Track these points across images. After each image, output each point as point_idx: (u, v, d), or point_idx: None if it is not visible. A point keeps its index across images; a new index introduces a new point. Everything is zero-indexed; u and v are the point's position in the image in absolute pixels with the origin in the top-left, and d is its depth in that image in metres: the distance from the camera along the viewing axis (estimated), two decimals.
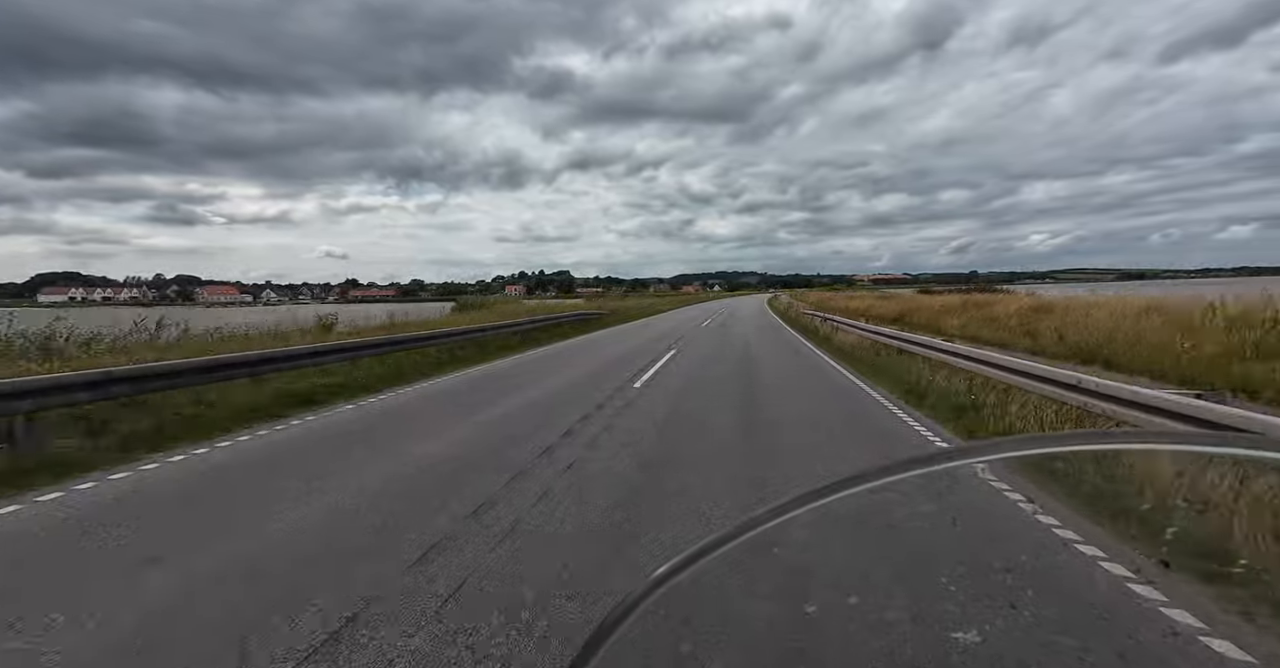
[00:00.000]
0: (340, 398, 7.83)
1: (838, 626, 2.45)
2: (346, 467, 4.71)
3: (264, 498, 4.02)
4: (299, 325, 12.55)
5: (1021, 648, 2.27)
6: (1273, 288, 10.59)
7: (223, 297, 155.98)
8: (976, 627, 2.35)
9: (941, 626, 2.39)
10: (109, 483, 4.39)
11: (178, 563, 3.03)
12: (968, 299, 22.51)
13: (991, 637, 2.30)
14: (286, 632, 2.39)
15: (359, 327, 13.91)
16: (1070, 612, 2.56)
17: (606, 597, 2.66)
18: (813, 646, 2.31)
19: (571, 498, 3.95)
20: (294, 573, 2.92)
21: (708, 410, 6.97)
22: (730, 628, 2.40)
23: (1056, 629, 2.40)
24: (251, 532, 3.44)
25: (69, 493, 4.16)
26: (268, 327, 11.88)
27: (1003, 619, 2.44)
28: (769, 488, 4.24)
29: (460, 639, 2.33)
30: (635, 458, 4.92)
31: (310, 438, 5.84)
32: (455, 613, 2.53)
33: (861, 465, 0.48)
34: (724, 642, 2.31)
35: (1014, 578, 2.86)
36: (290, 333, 11.48)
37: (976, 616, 2.45)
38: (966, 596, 2.64)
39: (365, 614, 2.53)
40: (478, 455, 5.02)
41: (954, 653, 2.21)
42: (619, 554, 3.13)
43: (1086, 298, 15.37)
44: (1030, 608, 2.55)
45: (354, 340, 10.22)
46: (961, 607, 2.54)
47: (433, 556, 3.08)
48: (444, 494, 4.02)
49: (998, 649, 2.25)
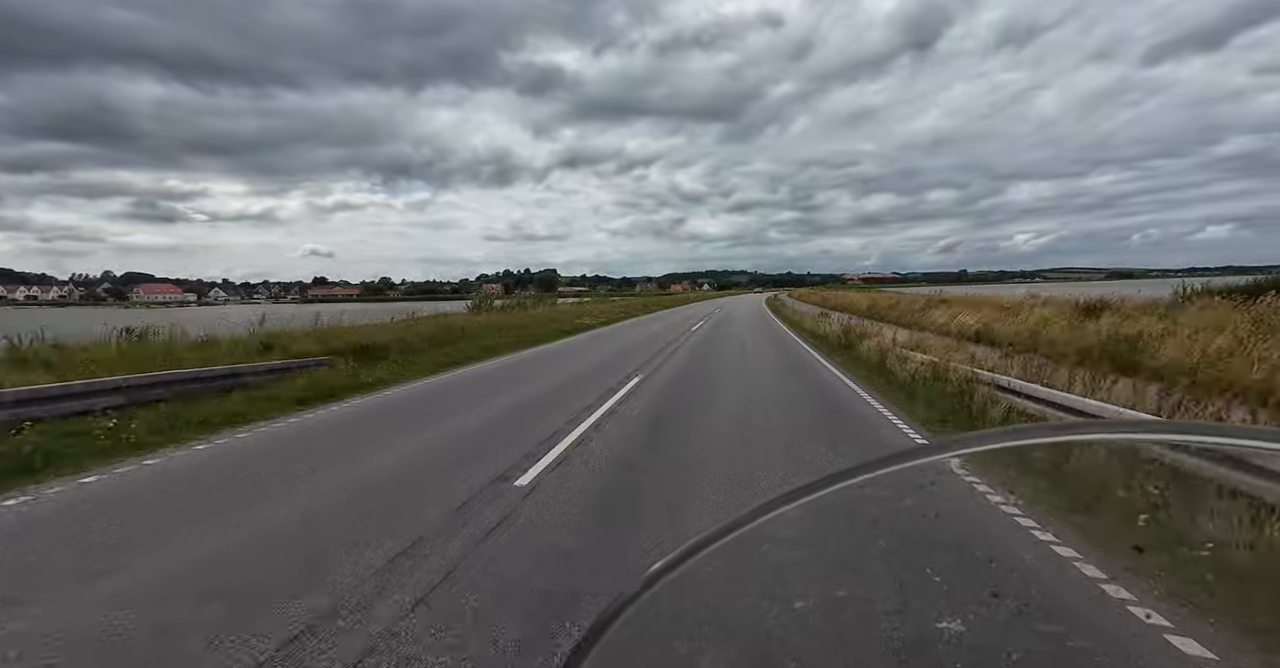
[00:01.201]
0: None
1: (827, 619, 2.48)
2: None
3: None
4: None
5: (1005, 636, 2.33)
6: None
7: (161, 296, 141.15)
8: (961, 616, 2.39)
9: (927, 616, 2.43)
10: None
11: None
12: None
13: (975, 626, 2.35)
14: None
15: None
16: (1051, 599, 2.63)
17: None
18: (802, 639, 2.33)
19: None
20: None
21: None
22: (722, 624, 2.42)
23: (1038, 617, 2.46)
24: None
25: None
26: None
27: (986, 608, 2.50)
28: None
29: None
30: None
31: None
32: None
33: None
34: (716, 638, 2.33)
35: (996, 567, 2.92)
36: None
37: (960, 605, 2.50)
38: (951, 586, 2.69)
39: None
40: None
41: (940, 642, 2.25)
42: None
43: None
44: (1012, 597, 2.61)
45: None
46: (946, 597, 2.59)
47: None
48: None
49: (982, 638, 2.30)
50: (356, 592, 2.78)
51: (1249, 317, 10.10)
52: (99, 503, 4.14)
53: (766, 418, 6.57)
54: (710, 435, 5.79)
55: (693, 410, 7.05)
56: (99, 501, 4.20)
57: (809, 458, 5.00)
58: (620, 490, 4.26)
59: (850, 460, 3.11)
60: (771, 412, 6.92)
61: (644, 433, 5.94)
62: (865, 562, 2.96)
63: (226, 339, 11.26)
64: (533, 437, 5.71)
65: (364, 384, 9.50)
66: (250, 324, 12.67)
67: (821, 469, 3.74)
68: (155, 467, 5.07)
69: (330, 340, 12.17)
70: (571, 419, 6.50)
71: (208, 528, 3.58)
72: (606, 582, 2.84)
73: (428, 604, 2.67)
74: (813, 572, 2.90)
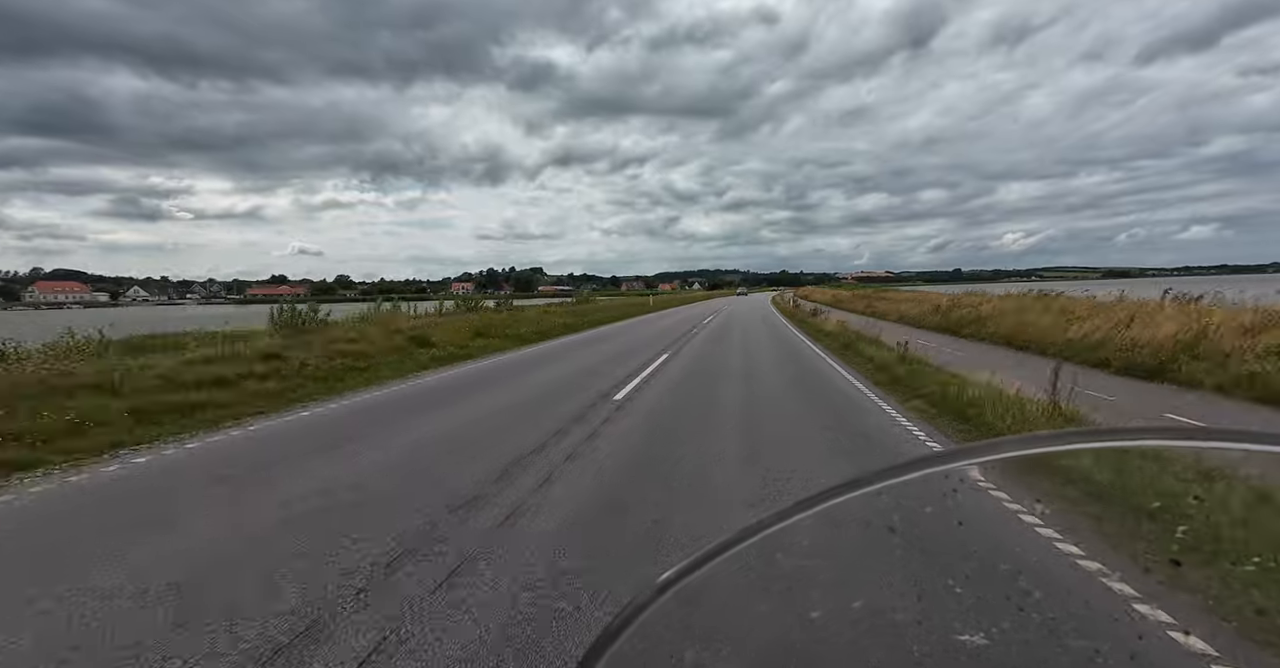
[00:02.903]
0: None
1: (843, 630, 2.42)
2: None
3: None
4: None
5: (1030, 652, 2.25)
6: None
7: (60, 295, 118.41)
8: (983, 630, 2.33)
9: (948, 629, 2.37)
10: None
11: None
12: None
13: (999, 640, 2.28)
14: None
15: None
16: (1081, 614, 2.54)
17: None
18: (818, 650, 2.28)
19: None
20: None
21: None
22: (734, 634, 2.37)
23: (1067, 632, 2.38)
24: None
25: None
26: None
27: (1010, 622, 2.42)
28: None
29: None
30: None
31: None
32: None
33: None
34: (728, 647, 2.29)
35: (1022, 580, 2.84)
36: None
37: (983, 618, 2.43)
38: (973, 598, 2.62)
39: None
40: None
41: (961, 656, 2.18)
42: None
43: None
44: (1038, 611, 2.53)
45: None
46: (968, 609, 2.52)
47: None
48: None
49: (1006, 653, 2.23)
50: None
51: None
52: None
53: None
54: None
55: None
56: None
57: None
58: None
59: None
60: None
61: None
62: (883, 571, 2.90)
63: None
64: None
65: None
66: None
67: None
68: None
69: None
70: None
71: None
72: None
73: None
74: (828, 581, 2.85)
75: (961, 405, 6.68)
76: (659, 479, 4.47)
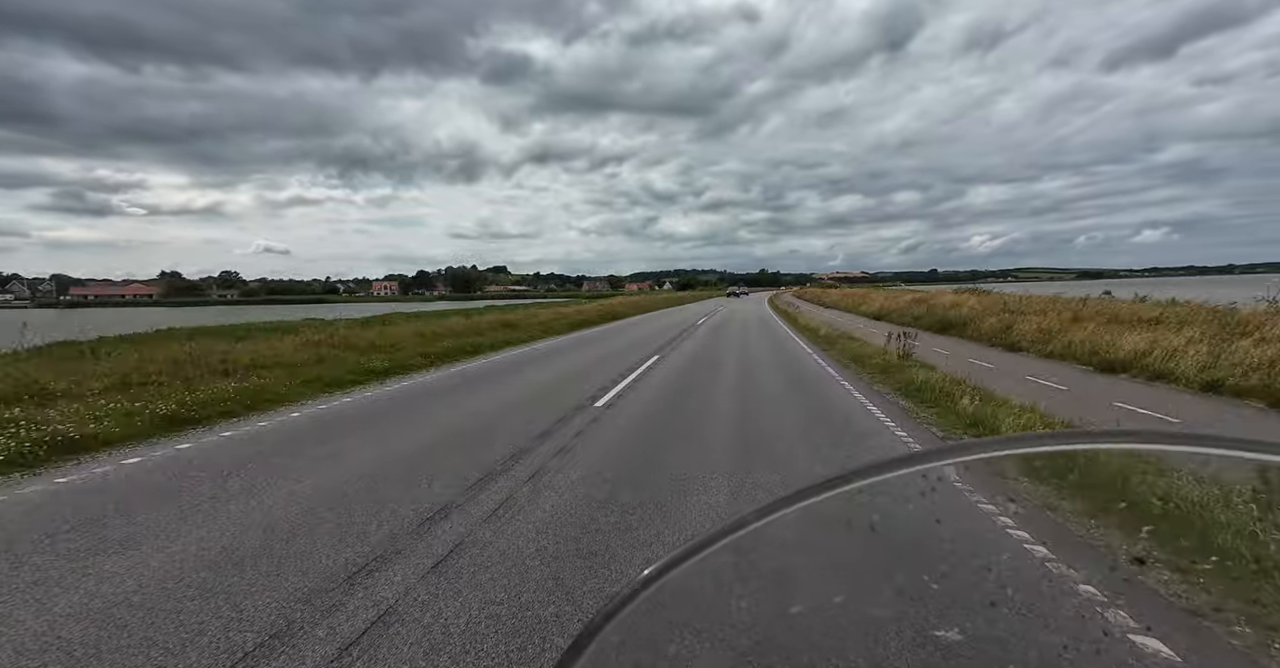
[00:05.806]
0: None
1: (822, 625, 2.46)
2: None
3: None
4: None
5: (1002, 647, 2.31)
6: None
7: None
8: (958, 625, 2.38)
9: (924, 624, 2.41)
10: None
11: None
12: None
13: (972, 635, 2.33)
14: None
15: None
16: (1049, 610, 2.60)
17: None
18: (797, 645, 2.32)
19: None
20: None
21: None
22: (716, 629, 2.40)
23: (1037, 628, 2.44)
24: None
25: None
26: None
27: (983, 618, 2.48)
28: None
29: None
30: None
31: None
32: None
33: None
34: (709, 643, 2.32)
35: (995, 577, 2.90)
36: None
37: (958, 614, 2.48)
38: (948, 594, 2.67)
39: None
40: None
41: (936, 651, 2.23)
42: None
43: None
44: (1010, 607, 2.59)
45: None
46: (943, 606, 2.57)
47: None
48: None
49: (979, 648, 2.28)
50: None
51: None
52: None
53: None
54: None
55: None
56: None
57: None
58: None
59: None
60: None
61: None
62: (862, 568, 2.95)
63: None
64: None
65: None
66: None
67: None
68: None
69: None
70: None
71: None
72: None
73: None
74: (809, 577, 2.88)
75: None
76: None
